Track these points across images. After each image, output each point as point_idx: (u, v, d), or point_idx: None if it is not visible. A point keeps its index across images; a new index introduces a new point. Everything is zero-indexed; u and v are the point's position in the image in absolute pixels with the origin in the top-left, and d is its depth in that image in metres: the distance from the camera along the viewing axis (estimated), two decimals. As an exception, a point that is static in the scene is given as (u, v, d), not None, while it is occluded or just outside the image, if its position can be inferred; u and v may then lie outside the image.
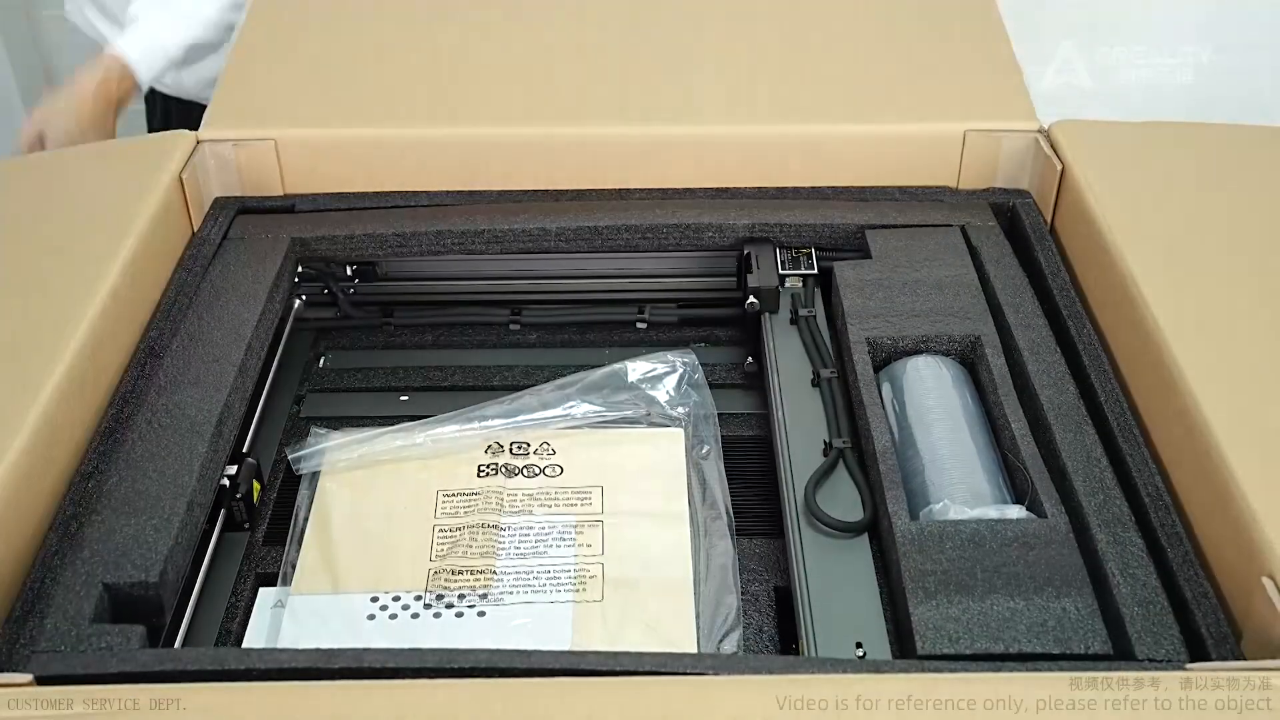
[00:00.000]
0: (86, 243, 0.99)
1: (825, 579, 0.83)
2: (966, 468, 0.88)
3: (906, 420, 0.93)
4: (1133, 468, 0.86)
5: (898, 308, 1.01)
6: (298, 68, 1.25)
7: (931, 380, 0.96)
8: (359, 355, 1.14)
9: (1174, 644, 0.73)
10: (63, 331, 0.89)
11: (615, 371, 1.04)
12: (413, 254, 1.12)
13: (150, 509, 0.82)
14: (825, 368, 1.00)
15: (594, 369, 1.04)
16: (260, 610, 0.87)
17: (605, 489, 0.94)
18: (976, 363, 0.98)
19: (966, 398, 0.95)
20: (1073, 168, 1.08)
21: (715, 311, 1.15)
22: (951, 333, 0.99)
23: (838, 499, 0.89)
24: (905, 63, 1.24)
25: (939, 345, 0.99)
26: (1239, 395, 0.83)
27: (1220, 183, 1.07)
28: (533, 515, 0.91)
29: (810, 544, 0.85)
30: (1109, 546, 0.80)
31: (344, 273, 1.15)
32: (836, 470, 0.91)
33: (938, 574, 0.78)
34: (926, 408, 0.93)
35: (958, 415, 0.93)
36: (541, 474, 0.95)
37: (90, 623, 0.74)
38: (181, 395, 0.91)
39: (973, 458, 0.89)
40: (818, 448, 0.93)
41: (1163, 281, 0.93)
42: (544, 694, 0.66)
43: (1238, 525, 0.75)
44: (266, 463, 1.00)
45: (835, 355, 1.01)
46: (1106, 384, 0.93)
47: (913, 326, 0.99)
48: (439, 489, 0.94)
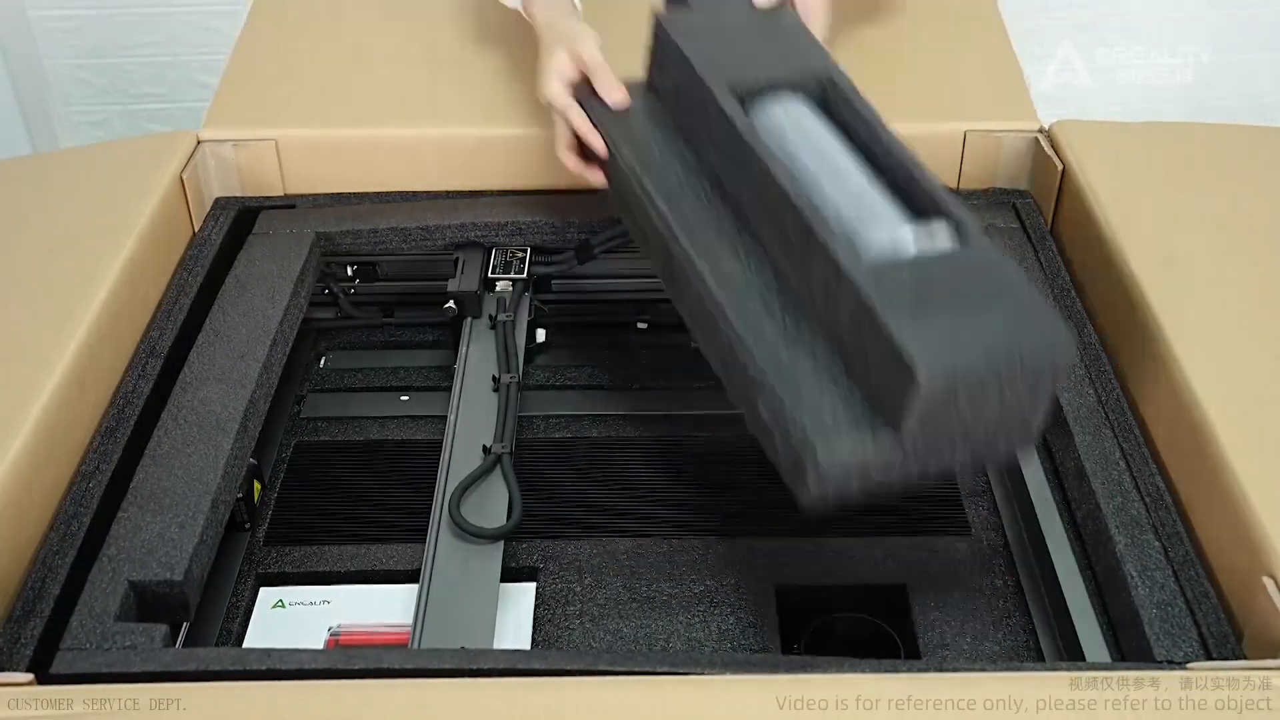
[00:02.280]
0: (86, 243, 0.99)
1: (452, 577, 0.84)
2: (868, 198, 0.82)
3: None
4: (1133, 467, 0.86)
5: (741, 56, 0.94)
6: (298, 68, 1.25)
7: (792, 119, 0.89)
8: (359, 355, 1.14)
9: (1191, 646, 0.73)
10: (63, 331, 0.89)
11: None
12: (437, 247, 1.12)
13: (175, 506, 0.81)
14: (508, 373, 1.00)
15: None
16: (260, 610, 0.87)
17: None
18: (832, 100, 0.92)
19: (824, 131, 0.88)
20: (1073, 168, 1.08)
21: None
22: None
23: (486, 504, 0.90)
24: (905, 63, 1.24)
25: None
26: (1239, 395, 0.83)
27: (1220, 183, 1.07)
28: None
29: (445, 546, 0.86)
30: (1128, 549, 0.80)
31: (344, 273, 1.15)
32: (492, 474, 0.92)
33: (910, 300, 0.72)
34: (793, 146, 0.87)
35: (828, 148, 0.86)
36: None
37: (115, 620, 0.74)
38: (206, 392, 0.91)
39: (864, 185, 0.83)
40: (478, 452, 0.94)
41: (1163, 281, 0.93)
42: (546, 693, 0.66)
43: (1239, 525, 0.75)
44: (266, 463, 1.00)
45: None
46: (1107, 384, 0.93)
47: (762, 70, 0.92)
48: None
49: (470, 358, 1.04)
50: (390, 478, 0.99)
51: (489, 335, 1.06)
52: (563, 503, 0.96)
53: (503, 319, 1.06)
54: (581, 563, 0.90)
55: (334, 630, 0.86)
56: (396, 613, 0.87)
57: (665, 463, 1.00)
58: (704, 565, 0.90)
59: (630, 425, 1.04)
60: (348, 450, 1.02)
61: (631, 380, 1.09)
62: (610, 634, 0.86)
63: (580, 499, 0.97)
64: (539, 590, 0.89)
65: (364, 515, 0.96)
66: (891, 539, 0.92)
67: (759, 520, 0.94)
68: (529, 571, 0.90)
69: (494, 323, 1.07)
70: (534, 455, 1.00)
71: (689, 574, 0.90)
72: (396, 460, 1.01)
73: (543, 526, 0.93)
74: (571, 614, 0.87)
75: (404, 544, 0.92)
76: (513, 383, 1.00)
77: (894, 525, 0.93)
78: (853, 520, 0.94)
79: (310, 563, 0.91)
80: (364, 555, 0.92)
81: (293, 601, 0.89)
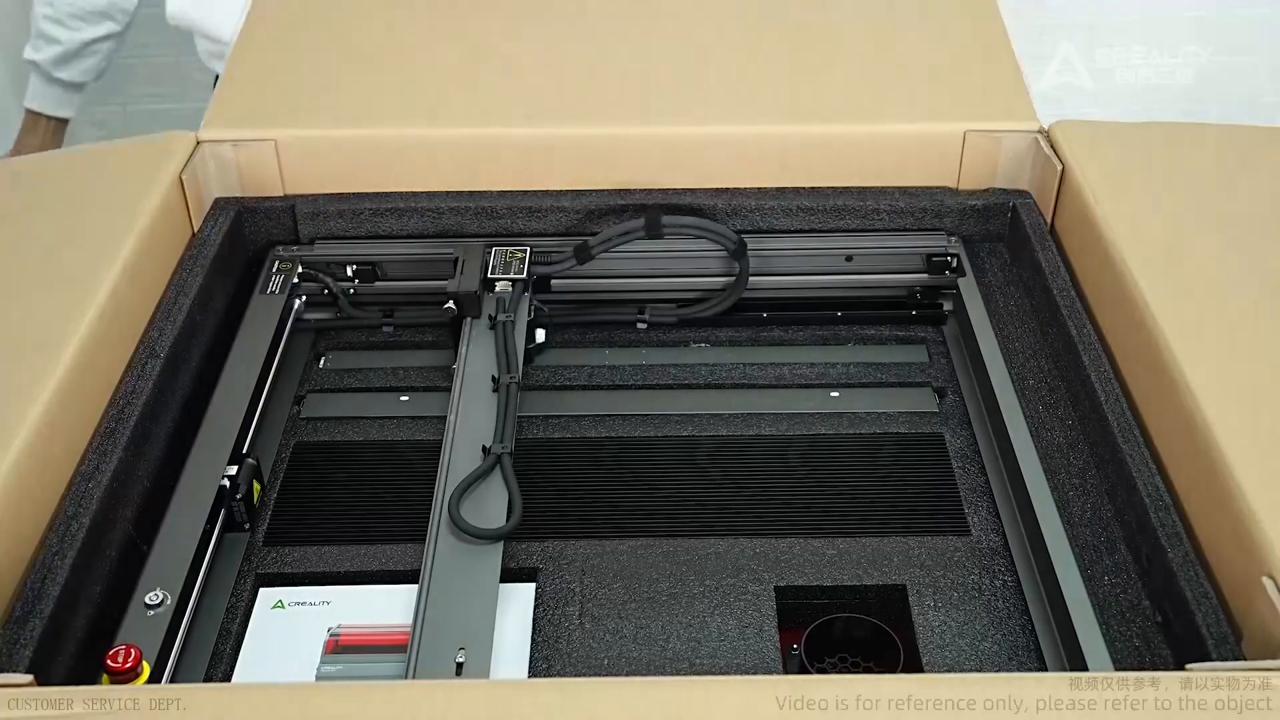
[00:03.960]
0: (86, 243, 0.99)
1: (451, 577, 0.84)
2: None
3: None
4: (1133, 468, 0.86)
5: None
6: (298, 68, 1.25)
7: None
8: (359, 356, 1.14)
9: (1191, 646, 0.74)
10: (63, 331, 0.89)
11: None
12: (436, 248, 1.13)
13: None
14: (508, 373, 1.01)
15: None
16: (260, 610, 0.88)
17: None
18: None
19: None
20: (1073, 168, 1.08)
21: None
22: None
23: (485, 505, 0.90)
24: (905, 63, 1.24)
25: None
26: (1239, 395, 0.83)
27: (1219, 182, 1.07)
28: None
29: (445, 547, 0.86)
30: (1127, 549, 0.82)
31: (344, 273, 1.15)
32: (492, 475, 0.92)
33: None
34: None
35: None
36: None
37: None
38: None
39: None
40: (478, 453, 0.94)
41: (1163, 281, 0.93)
42: (546, 694, 0.66)
43: (1238, 525, 0.75)
44: (266, 463, 1.00)
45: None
46: (1107, 384, 0.93)
47: None
48: None
49: (470, 358, 1.04)
50: (390, 478, 0.99)
51: (489, 335, 1.06)
52: (562, 503, 0.96)
53: (502, 319, 1.06)
54: (581, 563, 0.90)
55: (333, 631, 0.86)
56: (396, 613, 0.87)
57: (665, 463, 1.00)
58: (704, 565, 0.90)
59: (630, 425, 1.04)
60: (348, 451, 1.02)
61: (629, 380, 1.09)
62: (610, 634, 0.86)
63: (580, 499, 0.97)
64: (539, 590, 0.88)
65: (364, 516, 0.96)
66: (891, 539, 0.92)
67: (759, 520, 0.94)
68: (529, 572, 0.90)
69: (494, 323, 1.07)
70: (533, 455, 1.00)
71: (689, 574, 0.90)
72: (396, 461, 1.01)
73: (542, 527, 0.93)
74: (571, 614, 0.87)
75: (404, 544, 0.92)
76: (512, 383, 1.00)
77: (894, 526, 0.94)
78: (852, 520, 0.94)
79: (310, 563, 0.91)
80: (363, 556, 0.91)
81: (292, 602, 0.89)
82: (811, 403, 1.06)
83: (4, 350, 0.88)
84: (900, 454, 1.01)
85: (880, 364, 1.10)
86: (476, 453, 0.94)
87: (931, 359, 1.11)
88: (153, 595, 0.81)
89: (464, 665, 0.78)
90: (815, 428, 1.03)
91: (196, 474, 0.92)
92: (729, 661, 0.84)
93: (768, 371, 1.10)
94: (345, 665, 0.83)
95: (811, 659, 0.85)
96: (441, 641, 0.79)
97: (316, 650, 0.85)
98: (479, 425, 0.97)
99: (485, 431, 0.96)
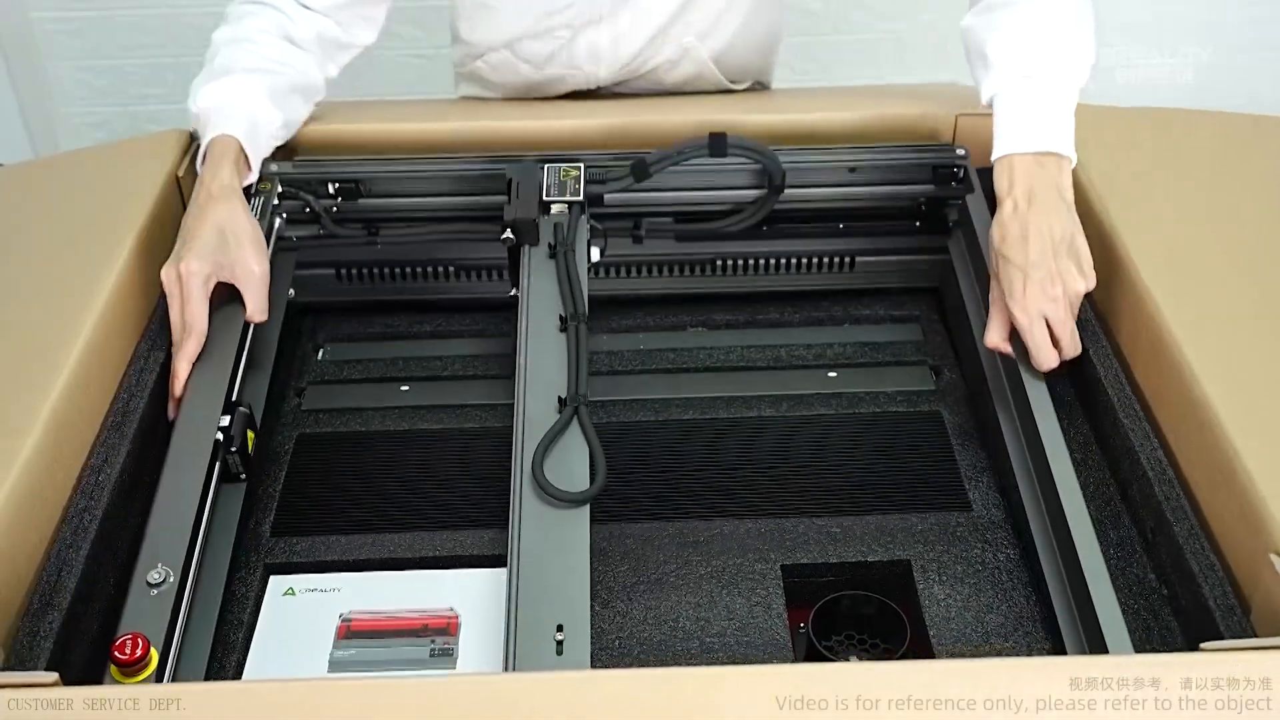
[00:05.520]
0: (87, 243, 0.99)
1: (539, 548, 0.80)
2: None
3: None
4: (1135, 441, 0.86)
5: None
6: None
7: None
8: (358, 347, 1.13)
9: (1199, 616, 0.74)
10: (68, 330, 0.89)
11: None
12: (482, 167, 1.09)
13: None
14: (575, 312, 0.93)
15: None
16: (271, 597, 0.88)
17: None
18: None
19: None
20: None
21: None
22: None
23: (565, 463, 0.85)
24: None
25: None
26: (1242, 376, 0.83)
27: (1218, 170, 1.08)
28: None
29: (531, 515, 0.82)
30: (1134, 522, 0.82)
31: (326, 190, 1.10)
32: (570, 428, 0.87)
33: None
34: None
35: None
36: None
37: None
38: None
39: None
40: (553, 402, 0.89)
41: (1162, 265, 0.93)
42: (547, 689, 0.66)
43: (1244, 503, 0.76)
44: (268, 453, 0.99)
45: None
46: (1107, 363, 0.93)
47: None
48: None
49: (533, 291, 0.98)
50: (394, 467, 0.99)
51: (549, 266, 0.98)
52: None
53: (563, 249, 0.99)
54: (590, 545, 0.90)
55: (345, 617, 0.86)
56: (406, 599, 0.87)
57: (668, 446, 1.00)
58: (710, 545, 0.91)
59: (631, 410, 1.04)
60: (350, 441, 1.02)
61: (628, 365, 1.09)
62: (619, 615, 0.86)
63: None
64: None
65: (369, 504, 0.96)
66: (895, 516, 0.93)
67: (763, 500, 0.95)
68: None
69: (553, 251, 0.99)
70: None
71: (695, 554, 0.90)
72: (399, 450, 1.01)
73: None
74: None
75: (410, 532, 0.92)
76: (581, 324, 0.94)
77: (896, 502, 0.94)
78: (855, 498, 0.95)
79: (318, 552, 0.92)
80: (371, 544, 0.92)
81: (303, 589, 0.89)
82: (810, 384, 1.06)
83: (10, 350, 0.88)
84: (900, 432, 1.01)
85: (876, 343, 1.11)
86: (551, 402, 0.89)
87: (926, 336, 1.12)
88: (155, 574, 0.79)
89: (563, 644, 0.74)
90: (815, 408, 1.04)
91: (190, 427, 0.89)
92: (738, 639, 0.84)
93: (765, 354, 1.10)
94: (358, 650, 0.84)
95: (819, 637, 0.86)
96: (537, 619, 0.76)
97: (329, 636, 0.85)
98: (549, 370, 0.92)
99: (555, 378, 0.91)
